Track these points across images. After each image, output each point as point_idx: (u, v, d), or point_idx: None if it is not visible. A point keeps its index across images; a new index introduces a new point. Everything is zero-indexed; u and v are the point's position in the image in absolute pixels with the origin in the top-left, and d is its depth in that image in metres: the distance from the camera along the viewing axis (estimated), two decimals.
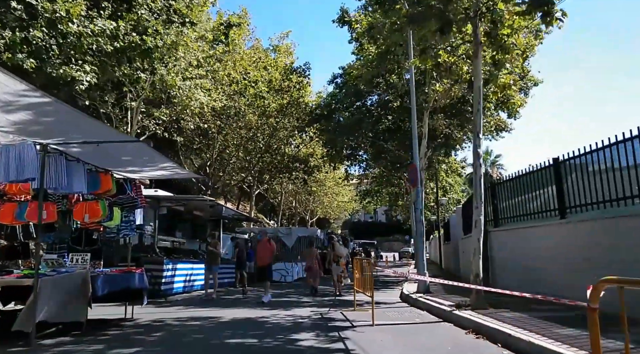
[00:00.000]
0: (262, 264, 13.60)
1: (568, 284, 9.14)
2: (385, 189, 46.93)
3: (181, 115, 19.76)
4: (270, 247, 13.40)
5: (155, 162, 8.28)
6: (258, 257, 13.85)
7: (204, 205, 16.38)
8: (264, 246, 13.49)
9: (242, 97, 23.05)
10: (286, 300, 13.55)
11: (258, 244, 14.54)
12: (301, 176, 31.20)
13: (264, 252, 13.37)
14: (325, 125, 25.59)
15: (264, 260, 13.41)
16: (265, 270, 13.59)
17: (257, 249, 14.13)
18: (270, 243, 13.56)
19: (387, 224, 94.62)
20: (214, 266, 14.03)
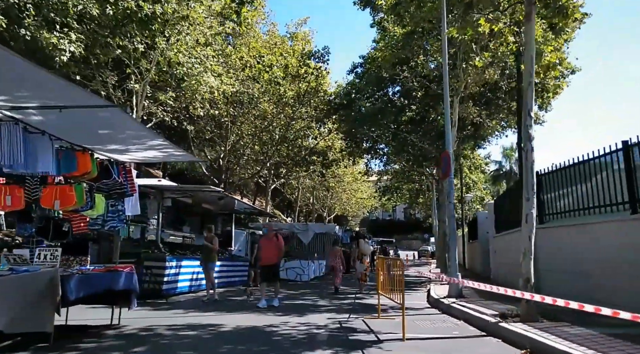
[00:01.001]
0: (267, 263, 11.33)
1: (638, 292, 7.53)
2: (405, 185, 45.48)
3: (191, 100, 18.36)
4: (277, 244, 11.38)
5: (141, 139, 6.82)
6: (262, 256, 11.49)
7: (212, 197, 14.94)
8: (269, 242, 11.45)
9: (256, 83, 21.54)
10: (300, 303, 12.06)
11: (261, 240, 12.12)
12: (319, 169, 29.65)
13: (269, 250, 11.35)
14: (344, 114, 24.04)
15: (269, 258, 11.31)
16: (271, 270, 11.41)
17: (260, 246, 11.81)
18: (277, 238, 11.54)
19: (405, 222, 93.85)
20: (209, 263, 12.26)
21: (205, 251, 12.34)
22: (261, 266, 11.57)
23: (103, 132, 6.33)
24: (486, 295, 11.59)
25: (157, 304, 11.22)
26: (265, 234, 12.07)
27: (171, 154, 8.01)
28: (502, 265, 15.79)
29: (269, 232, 11.85)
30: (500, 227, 16.49)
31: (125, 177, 8.25)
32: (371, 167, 34.43)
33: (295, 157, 28.87)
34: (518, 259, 8.06)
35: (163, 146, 7.26)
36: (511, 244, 13.84)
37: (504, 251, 15.52)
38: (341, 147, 31.72)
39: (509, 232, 14.41)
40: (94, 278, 7.05)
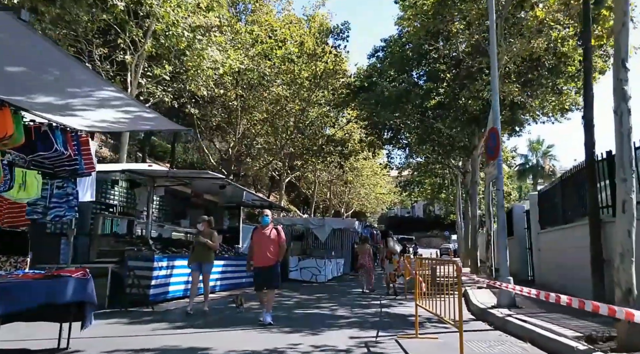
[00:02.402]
0: (262, 265, 8.42)
1: None
2: (428, 179, 43.21)
3: (192, 78, 16.28)
4: (276, 239, 8.50)
5: (83, 87, 4.65)
6: (256, 254, 8.54)
7: (214, 186, 12.82)
8: (265, 236, 8.49)
9: (267, 60, 19.35)
10: (315, 313, 9.88)
11: (255, 232, 8.88)
12: (337, 160, 27.42)
13: (265, 246, 8.42)
14: (365, 98, 21.76)
15: (265, 258, 8.37)
16: (268, 274, 8.43)
17: (253, 242, 8.83)
18: (277, 232, 8.62)
19: (424, 219, 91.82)
20: (205, 264, 9.67)
21: (199, 250, 9.67)
22: (255, 268, 8.55)
23: (17, 69, 4.21)
24: (547, 305, 9.29)
25: (138, 314, 9.17)
26: (261, 225, 8.69)
27: (138, 118, 5.82)
28: (551, 266, 13.51)
29: (266, 223, 8.64)
30: (548, 222, 14.21)
31: (78, 150, 6.17)
32: (393, 158, 32.23)
33: (312, 147, 26.66)
34: (575, 260, 6.16)
35: (121, 101, 5.11)
36: (566, 241, 11.57)
37: (553, 250, 13.24)
38: (360, 138, 29.59)
39: (561, 228, 12.16)
40: (21, 288, 4.98)
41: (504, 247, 9.68)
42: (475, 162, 23.09)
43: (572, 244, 11.08)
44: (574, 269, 10.85)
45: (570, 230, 11.37)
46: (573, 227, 11.13)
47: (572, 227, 11.18)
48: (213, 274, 13.27)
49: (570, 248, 11.17)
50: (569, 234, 11.35)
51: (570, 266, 11.12)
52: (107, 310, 9.45)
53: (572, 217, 11.17)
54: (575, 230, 10.99)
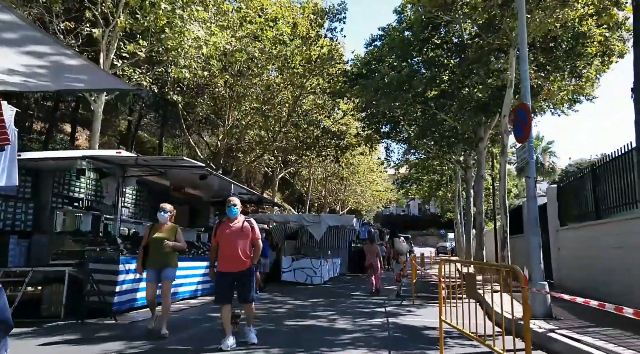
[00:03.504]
0: (231, 270, 6.35)
1: None
2: (426, 176, 41.86)
3: (174, 59, 14.65)
4: (245, 235, 6.43)
5: None
6: (222, 255, 6.43)
7: (194, 177, 11.16)
8: (234, 232, 6.42)
9: (257, 41, 17.68)
10: (310, 325, 8.24)
11: (220, 227, 6.55)
12: (332, 154, 25.79)
13: (232, 245, 6.34)
14: (363, 84, 20.16)
15: (236, 261, 6.34)
16: (240, 283, 6.44)
17: (217, 240, 6.52)
18: (251, 227, 6.52)
19: (420, 217, 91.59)
20: (165, 269, 7.25)
21: (157, 250, 7.23)
22: (220, 275, 6.41)
23: None
24: (590, 316, 7.72)
25: (95, 328, 7.55)
26: (227, 218, 6.55)
27: (61, 68, 4.14)
28: (574, 268, 11.99)
29: (234, 214, 6.53)
30: (571, 218, 12.67)
31: None
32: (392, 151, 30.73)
33: (306, 140, 24.99)
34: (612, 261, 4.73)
35: (18, 33, 3.47)
36: (600, 239, 10.03)
37: (579, 249, 11.71)
38: (357, 132, 28.06)
39: (592, 225, 10.63)
40: None
41: (537, 247, 8.10)
42: (481, 155, 21.61)
43: (608, 242, 9.55)
44: (611, 272, 9.33)
45: (605, 226, 9.84)
46: (610, 223, 9.60)
47: (609, 223, 9.65)
48: (194, 277, 11.73)
49: (606, 247, 9.65)
50: (605, 231, 9.82)
51: (606, 268, 9.59)
52: (61, 322, 7.89)
53: (610, 211, 9.63)
54: (612, 226, 9.47)
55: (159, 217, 7.60)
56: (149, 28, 13.62)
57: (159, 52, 14.91)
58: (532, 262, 8.11)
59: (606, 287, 9.51)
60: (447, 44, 20.51)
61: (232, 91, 21.37)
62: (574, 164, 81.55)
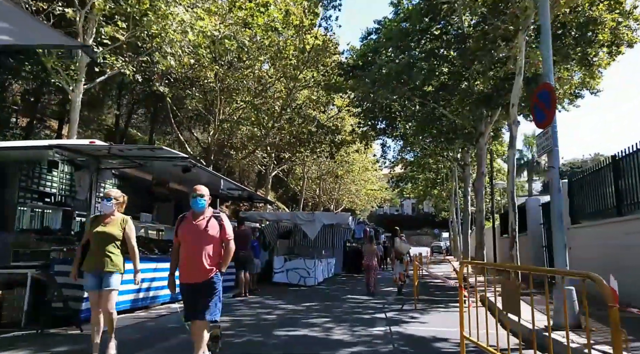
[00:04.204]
0: (192, 280, 4.96)
1: None
2: (421, 175, 41.20)
3: (158, 45, 13.66)
4: (211, 235, 5.02)
5: None
6: (182, 264, 5.05)
7: (173, 168, 10.13)
8: (191, 232, 5.03)
9: (247, 29, 16.70)
10: (303, 336, 7.26)
11: (178, 228, 5.15)
12: (327, 150, 24.86)
13: (194, 247, 4.97)
14: (360, 75, 19.25)
15: (195, 269, 4.94)
16: (200, 295, 4.98)
17: (178, 240, 5.16)
18: (219, 224, 5.12)
19: (414, 217, 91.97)
20: (107, 276, 5.69)
21: (98, 249, 5.70)
22: (180, 286, 5.07)
23: None
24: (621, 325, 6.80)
25: (57, 340, 6.61)
26: (191, 213, 5.14)
27: None
28: (588, 267, 10.92)
29: (200, 208, 5.09)
30: (585, 215, 11.79)
31: None
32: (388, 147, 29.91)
33: (299, 135, 24.03)
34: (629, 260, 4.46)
35: None
36: (624, 238, 9.15)
37: (592, 248, 10.85)
38: (352, 128, 27.17)
39: (613, 222, 9.77)
40: None
41: (563, 247, 7.16)
42: (481, 151, 20.78)
43: (633, 241, 8.68)
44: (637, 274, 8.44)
45: (629, 224, 8.97)
46: (636, 220, 8.72)
47: (634, 220, 8.77)
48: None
49: (630, 246, 8.77)
50: (628, 229, 8.95)
51: (630, 270, 8.71)
52: (19, 333, 6.92)
53: (635, 207, 8.74)
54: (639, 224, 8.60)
55: (101, 207, 6.04)
56: (131, 12, 12.66)
57: (142, 39, 13.91)
58: (557, 263, 7.20)
59: (629, 290, 8.63)
60: (447, 35, 19.65)
61: (223, 84, 20.38)
62: (567, 163, 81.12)
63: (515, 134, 12.28)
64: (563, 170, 76.15)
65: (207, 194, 5.15)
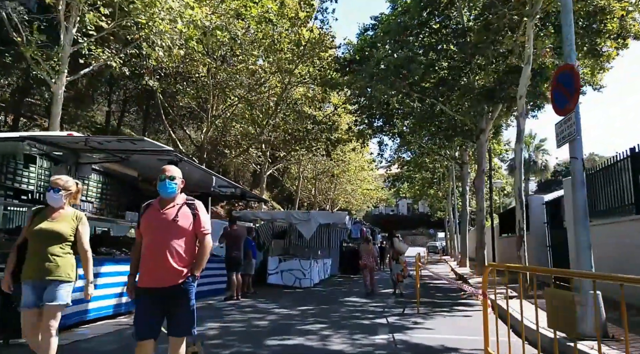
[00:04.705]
0: (155, 284, 3.83)
1: None
2: (418, 174, 40.70)
3: (146, 35, 12.97)
4: (181, 228, 3.90)
5: None
6: (143, 263, 3.91)
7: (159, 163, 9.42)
8: (156, 223, 3.91)
9: (240, 20, 16.00)
10: (298, 345, 6.58)
11: (142, 217, 4.01)
12: (323, 147, 24.19)
13: (161, 242, 3.84)
14: (357, 70, 18.64)
15: (160, 270, 3.82)
16: (170, 303, 3.88)
17: (140, 232, 4.04)
18: (193, 214, 4.01)
19: (409, 217, 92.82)
20: (51, 286, 4.45)
21: (38, 252, 4.45)
22: (139, 291, 3.90)
23: None
24: None
25: None
26: (158, 199, 4.06)
27: None
28: (600, 269, 10.45)
29: (169, 193, 3.99)
30: (594, 213, 11.13)
31: None
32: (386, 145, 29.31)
33: (295, 132, 23.35)
34: None
35: None
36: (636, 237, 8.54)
37: (605, 248, 10.20)
38: (349, 126, 26.54)
39: (625, 220, 9.17)
40: None
41: (587, 247, 6.50)
42: (482, 148, 20.20)
43: None
44: None
45: None
46: None
47: None
48: None
49: None
50: None
51: None
52: None
53: None
54: None
55: (48, 198, 4.63)
56: None
57: (129, 29, 13.22)
58: (580, 264, 6.53)
59: None
60: (446, 29, 19.07)
61: (215, 79, 19.70)
62: (562, 163, 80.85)
63: (523, 127, 11.67)
64: (558, 170, 75.87)
65: (179, 177, 4.04)
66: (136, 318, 3.88)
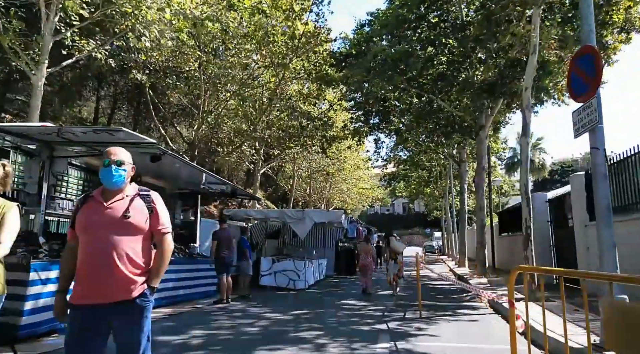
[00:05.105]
0: (97, 299, 2.91)
1: None
2: (414, 172, 40.18)
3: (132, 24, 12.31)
4: (130, 225, 3.01)
5: None
6: (79, 272, 2.97)
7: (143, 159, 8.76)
8: (97, 219, 2.99)
9: (232, 11, 15.31)
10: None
11: (77, 213, 3.10)
12: (318, 144, 23.55)
13: (102, 245, 2.93)
14: (354, 63, 18.03)
15: (109, 281, 2.92)
16: (124, 323, 3.01)
17: (79, 232, 3.05)
18: (148, 207, 3.13)
19: (405, 216, 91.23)
20: None
21: None
22: (72, 310, 2.96)
23: None
24: None
25: None
26: (99, 189, 3.16)
27: None
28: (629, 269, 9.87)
29: (115, 183, 3.06)
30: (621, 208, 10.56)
31: None
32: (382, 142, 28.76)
33: (289, 129, 22.71)
34: None
35: None
36: None
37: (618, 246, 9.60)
38: (345, 123, 25.91)
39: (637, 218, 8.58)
40: None
41: (611, 247, 5.88)
42: (482, 144, 19.61)
43: None
44: None
45: None
46: None
47: None
48: None
49: None
50: None
51: None
52: None
53: None
54: None
55: None
56: None
57: (114, 18, 12.55)
58: (603, 265, 5.90)
59: None
60: (445, 23, 18.50)
61: (207, 73, 19.04)
62: (558, 162, 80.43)
63: (529, 120, 11.06)
64: (554, 169, 75.49)
65: (129, 162, 3.18)
66: (67, 348, 2.92)
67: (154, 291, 3.10)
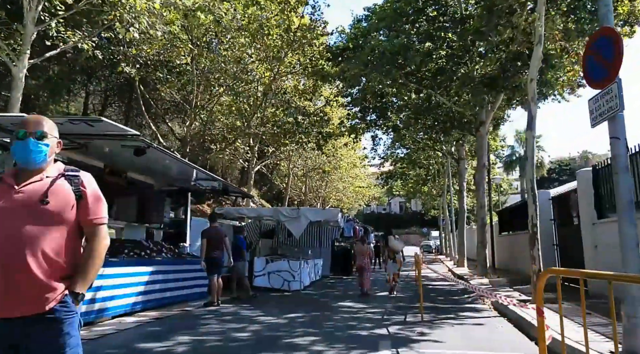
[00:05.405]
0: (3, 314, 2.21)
1: None
2: (412, 171, 39.75)
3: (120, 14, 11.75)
4: (50, 211, 2.28)
5: None
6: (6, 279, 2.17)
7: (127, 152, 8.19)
8: (13, 209, 2.24)
9: (225, 2, 14.70)
10: None
11: None
12: (314, 141, 23.01)
13: (11, 239, 2.19)
14: (351, 57, 17.53)
15: (19, 287, 2.19)
16: (39, 343, 2.23)
17: None
18: (72, 194, 2.37)
19: (401, 215, 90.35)
20: None
21: None
22: None
23: None
24: None
25: None
26: (15, 170, 2.43)
27: None
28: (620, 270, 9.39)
29: (34, 160, 2.37)
30: (612, 208, 10.08)
31: None
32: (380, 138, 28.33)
33: (284, 126, 22.15)
34: None
35: None
36: None
37: None
38: (341, 120, 25.37)
39: None
40: None
41: (635, 246, 5.30)
42: (482, 140, 19.14)
43: None
44: None
45: None
46: None
47: None
48: (134, 286, 8.89)
49: None
50: None
51: None
52: None
53: None
54: None
55: None
56: None
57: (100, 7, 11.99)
58: (626, 266, 5.35)
59: None
60: (444, 17, 18.02)
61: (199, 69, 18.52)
62: (555, 161, 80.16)
63: (535, 113, 10.56)
64: (552, 168, 75.24)
65: (54, 135, 2.52)
66: None
67: (80, 298, 2.36)
